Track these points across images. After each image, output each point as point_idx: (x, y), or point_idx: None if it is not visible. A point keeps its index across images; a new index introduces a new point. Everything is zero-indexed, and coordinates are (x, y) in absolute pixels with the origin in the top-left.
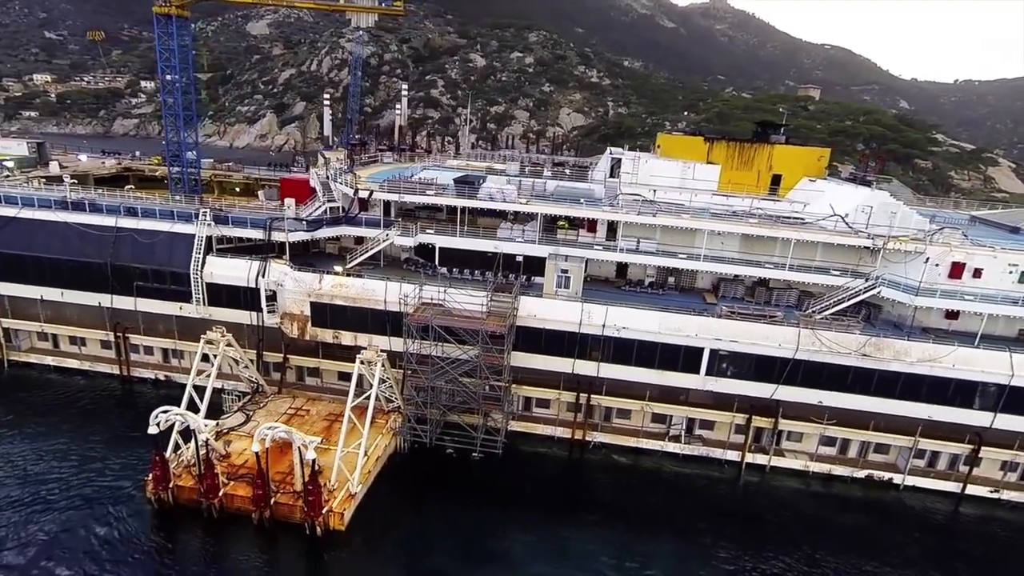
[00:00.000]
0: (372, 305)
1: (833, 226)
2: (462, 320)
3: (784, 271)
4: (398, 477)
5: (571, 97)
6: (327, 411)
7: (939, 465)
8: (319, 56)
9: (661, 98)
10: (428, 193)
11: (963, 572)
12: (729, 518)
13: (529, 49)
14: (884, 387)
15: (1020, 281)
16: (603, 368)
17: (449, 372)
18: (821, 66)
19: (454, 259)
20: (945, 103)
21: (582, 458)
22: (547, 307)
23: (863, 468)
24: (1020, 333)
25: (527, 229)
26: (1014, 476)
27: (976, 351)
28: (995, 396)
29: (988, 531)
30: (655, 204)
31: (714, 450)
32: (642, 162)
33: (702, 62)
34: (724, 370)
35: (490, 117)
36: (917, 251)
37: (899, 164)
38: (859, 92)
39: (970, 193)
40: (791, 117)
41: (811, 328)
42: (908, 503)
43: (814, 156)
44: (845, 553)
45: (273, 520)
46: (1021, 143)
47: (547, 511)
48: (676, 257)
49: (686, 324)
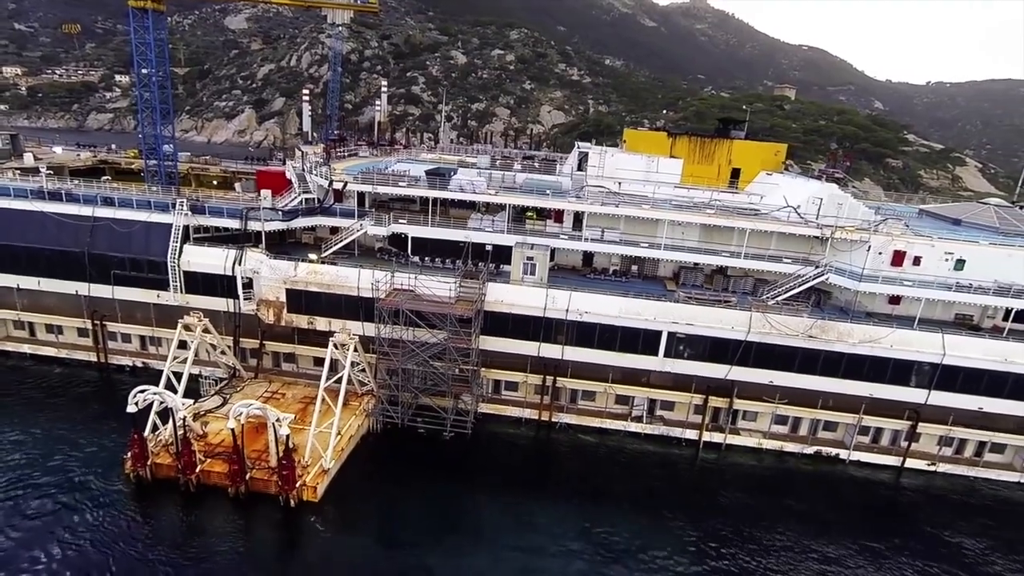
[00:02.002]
0: (346, 291)
1: (786, 217)
2: (431, 305)
3: (741, 259)
4: (371, 456)
5: (552, 95)
6: (302, 394)
7: (882, 441)
8: (299, 52)
9: (641, 96)
10: (401, 185)
11: (904, 539)
12: (688, 493)
13: (510, 47)
14: (829, 367)
15: (956, 268)
16: (568, 351)
17: (420, 355)
18: (798, 66)
19: (426, 248)
20: (918, 104)
21: (549, 438)
22: (513, 293)
23: (812, 444)
24: (956, 317)
25: (496, 219)
26: (949, 451)
27: (911, 332)
28: (929, 374)
29: (926, 501)
30: (620, 196)
31: (674, 429)
32: (608, 156)
33: (682, 61)
34: (681, 352)
35: (471, 114)
36: (862, 240)
37: (870, 163)
38: (835, 92)
39: (938, 191)
40: (768, 116)
41: (762, 312)
42: (854, 476)
43: (771, 151)
44: (796, 524)
45: (249, 494)
46: (989, 144)
47: (515, 488)
48: (639, 246)
49: (645, 308)
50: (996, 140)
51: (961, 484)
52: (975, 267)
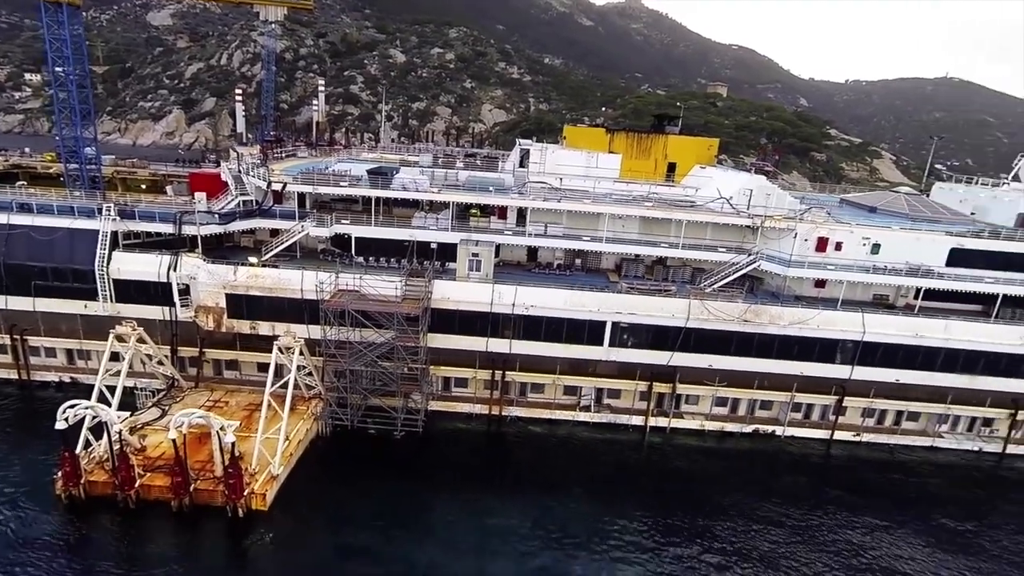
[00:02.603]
0: (289, 294)
1: (720, 208)
2: (378, 304)
3: (679, 250)
4: (321, 460)
5: (493, 93)
6: (247, 401)
7: (813, 416)
8: (229, 50)
9: (580, 94)
10: (342, 185)
11: (835, 503)
12: (638, 477)
13: (450, 45)
14: (763, 349)
15: (873, 252)
16: (515, 345)
17: (367, 356)
18: (729, 65)
19: (370, 248)
20: (838, 101)
21: (500, 432)
22: (460, 289)
23: (751, 423)
24: (874, 297)
25: (441, 217)
26: (872, 421)
27: (835, 313)
28: (852, 351)
29: (853, 468)
30: (561, 191)
31: (621, 416)
32: (549, 153)
33: (619, 60)
34: (625, 341)
35: (412, 113)
36: (789, 228)
37: (797, 157)
38: (764, 90)
39: (858, 182)
40: (702, 113)
41: (700, 299)
42: (789, 450)
43: (704, 146)
44: (740, 499)
45: (193, 506)
46: (902, 138)
47: (469, 483)
48: (582, 240)
49: (589, 300)
50: (908, 134)
51: (883, 451)
52: (889, 251)
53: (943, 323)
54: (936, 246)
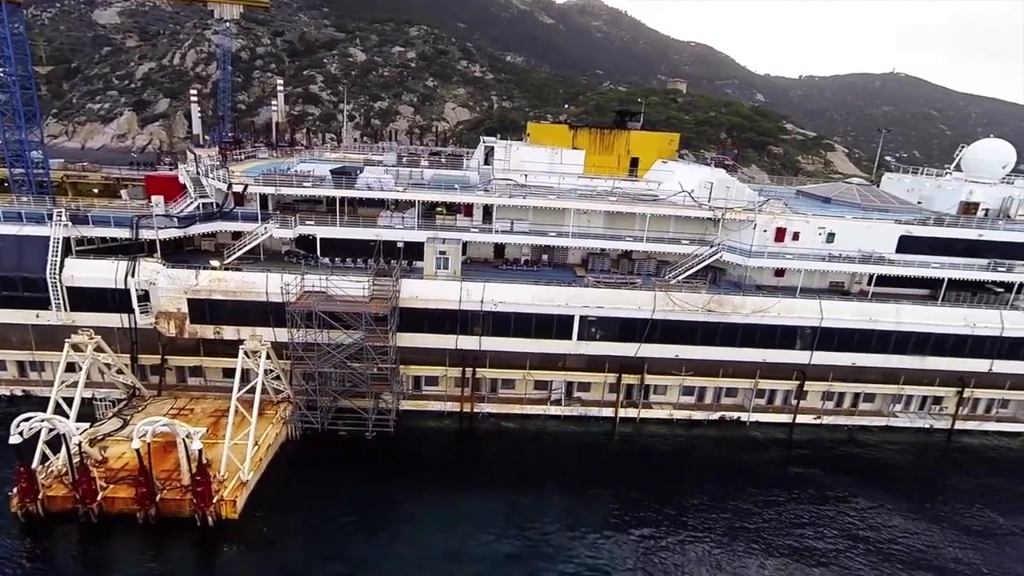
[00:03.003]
0: (254, 297)
1: (682, 201)
2: (345, 305)
3: (643, 243)
4: (292, 464)
5: (455, 92)
6: (213, 408)
7: (776, 401)
8: (182, 49)
9: (543, 92)
10: (305, 185)
11: (800, 484)
12: (609, 467)
13: (411, 44)
14: (727, 338)
15: (828, 241)
16: (485, 342)
17: (336, 357)
18: (688, 62)
19: (336, 249)
20: (793, 96)
21: (472, 429)
22: (428, 288)
23: (717, 411)
24: (830, 284)
25: (406, 216)
26: (831, 404)
27: (794, 300)
28: (811, 337)
29: (815, 449)
30: (526, 188)
31: (591, 409)
32: (513, 150)
33: (581, 57)
34: (593, 334)
35: (374, 113)
36: (749, 220)
37: (755, 150)
38: (722, 86)
39: (813, 174)
40: (663, 109)
41: (665, 291)
42: (754, 435)
43: (665, 140)
44: (708, 484)
45: (160, 517)
46: (853, 131)
47: (442, 481)
48: (548, 235)
49: (557, 295)
50: (858, 128)
51: (842, 432)
52: (843, 239)
53: (894, 307)
54: (886, 234)
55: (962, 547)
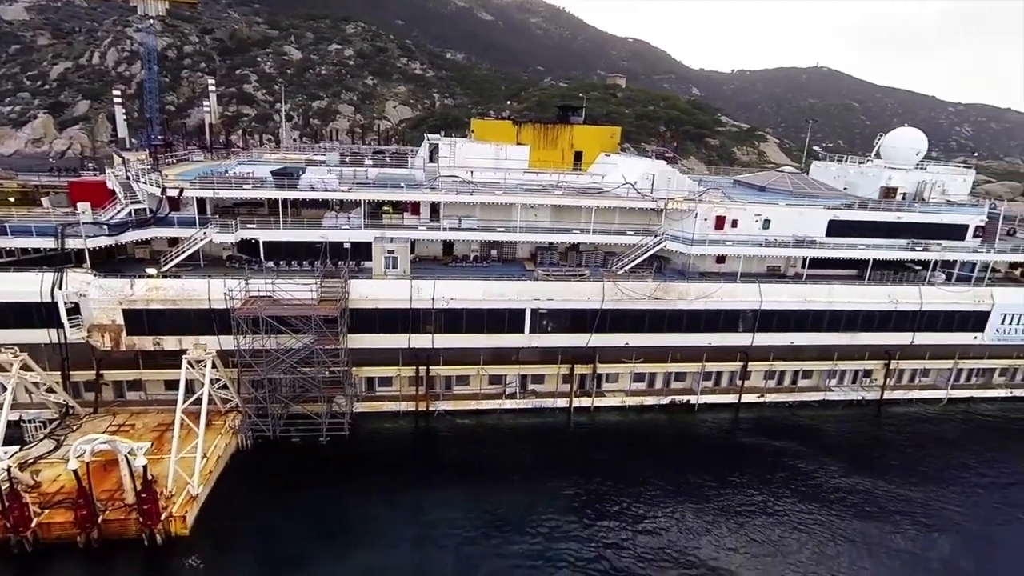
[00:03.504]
0: (195, 305)
1: (626, 193)
2: (293, 308)
3: (590, 235)
4: (244, 474)
5: (396, 90)
6: (156, 422)
7: (722, 383)
8: (101, 48)
9: (485, 89)
10: (245, 188)
11: (747, 459)
12: (566, 457)
13: (348, 41)
14: (674, 324)
15: (764, 228)
16: (438, 339)
17: (286, 362)
18: (626, 57)
19: (280, 252)
20: (727, 89)
21: (428, 427)
22: (377, 287)
23: (667, 395)
24: (768, 269)
25: (352, 216)
26: (773, 383)
27: (736, 285)
28: (752, 320)
29: (760, 426)
30: (473, 184)
31: (546, 400)
32: (458, 147)
33: (521, 54)
34: (545, 327)
35: (312, 112)
36: (690, 209)
37: (693, 143)
38: (659, 80)
39: (748, 164)
40: (603, 103)
41: (613, 281)
42: (702, 417)
43: (607, 134)
44: (662, 467)
45: (103, 539)
46: (783, 122)
47: (401, 482)
48: (496, 231)
49: (507, 289)
50: (788, 119)
51: (784, 409)
52: (778, 225)
53: (827, 288)
54: (817, 219)
55: (894, 498)
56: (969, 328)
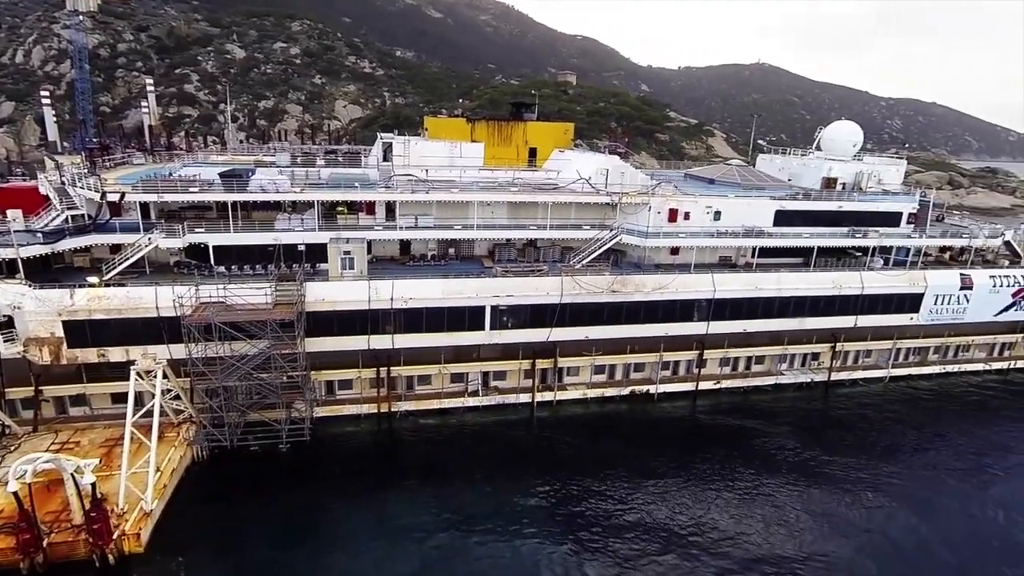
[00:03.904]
0: (143, 314)
1: (581, 188)
2: (247, 313)
3: (547, 231)
4: (201, 486)
5: (345, 89)
6: (103, 438)
7: (680, 372)
8: (25, 45)
9: (436, 87)
10: (192, 190)
11: (706, 443)
12: (531, 452)
13: (294, 39)
14: (632, 315)
15: (715, 219)
16: (398, 340)
17: (241, 369)
18: (576, 55)
19: (231, 256)
20: (675, 86)
21: (391, 429)
22: (334, 289)
23: (627, 386)
24: (720, 259)
25: (306, 218)
26: (728, 369)
27: (690, 276)
28: (706, 309)
29: (717, 411)
30: (428, 182)
31: (508, 396)
32: (412, 145)
33: (471, 51)
34: (505, 323)
35: (259, 113)
36: (644, 203)
37: (644, 138)
38: (609, 77)
39: (697, 158)
40: (555, 100)
41: (571, 275)
42: (662, 406)
43: (561, 130)
44: (625, 456)
45: (50, 564)
46: (729, 117)
47: (366, 485)
48: (453, 229)
49: (466, 287)
50: (734, 114)
51: (739, 394)
52: (728, 216)
53: (776, 276)
54: (764, 209)
55: (844, 471)
56: (906, 310)
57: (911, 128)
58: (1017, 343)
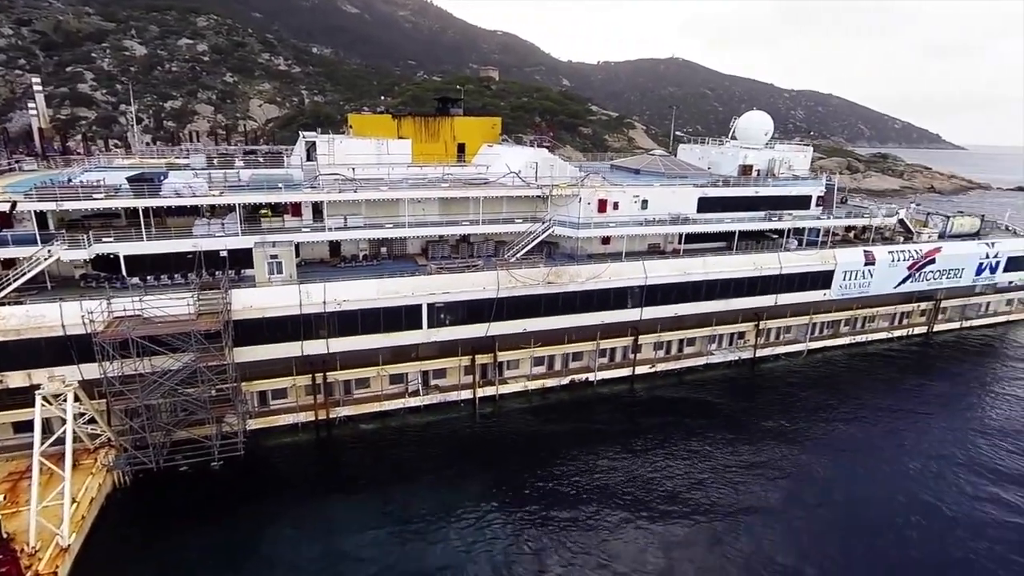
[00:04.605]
0: (46, 333)
1: (511, 182)
2: (168, 326)
3: (480, 226)
4: (126, 514)
5: (260, 87)
6: (6, 471)
7: (616, 358)
8: None
9: (356, 84)
10: (97, 197)
11: (645, 426)
12: (476, 448)
13: (200, 35)
14: (568, 306)
15: (643, 208)
16: (333, 343)
17: (165, 385)
18: (497, 51)
19: (146, 266)
20: (594, 80)
21: (331, 436)
22: (263, 295)
23: (567, 375)
24: (649, 246)
25: (227, 222)
26: (662, 353)
27: (622, 264)
28: (639, 295)
29: (653, 395)
30: (356, 181)
31: (450, 394)
32: (337, 143)
33: (390, 48)
34: (443, 320)
35: (166, 114)
36: (574, 194)
37: (567, 132)
38: (531, 73)
39: (619, 150)
40: (479, 96)
41: (506, 269)
42: (601, 393)
43: (488, 125)
44: (568, 445)
45: None
46: (648, 110)
47: (308, 496)
48: (384, 228)
49: (402, 286)
50: (652, 107)
51: (673, 376)
52: (655, 205)
53: (702, 260)
54: (688, 197)
55: (773, 437)
56: (819, 286)
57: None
58: (913, 312)
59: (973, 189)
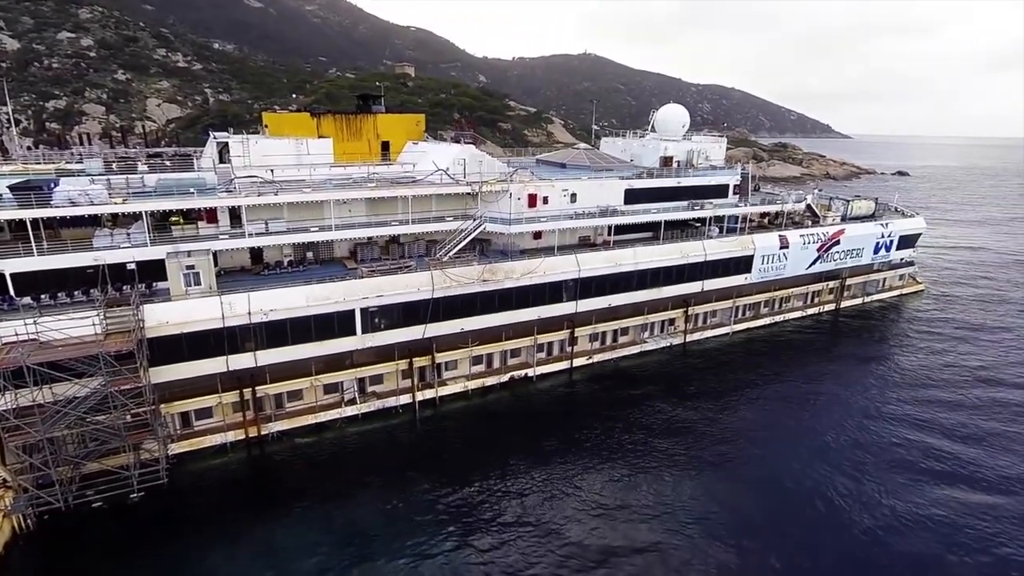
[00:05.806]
0: None
1: (440, 180)
2: (71, 349)
3: (409, 226)
4: (31, 561)
5: (158, 86)
6: None
7: (554, 352)
8: None
9: (265, 82)
10: None
11: (585, 416)
12: (419, 454)
13: (84, 28)
14: (504, 302)
15: (572, 201)
16: (260, 356)
17: (71, 415)
18: (411, 47)
19: (39, 284)
20: (511, 76)
21: (263, 454)
22: (180, 309)
23: (506, 372)
24: (580, 239)
25: (133, 231)
26: (598, 344)
27: (555, 258)
28: (573, 288)
29: (592, 385)
30: (276, 183)
31: (388, 400)
32: (252, 143)
33: (299, 44)
34: (378, 324)
35: (48, 115)
36: (503, 190)
37: (487, 127)
38: (447, 69)
39: (539, 145)
40: (396, 93)
41: (439, 269)
42: (540, 387)
43: (412, 122)
44: (512, 442)
45: None
46: (564, 105)
47: (244, 521)
48: (309, 231)
49: (332, 291)
50: (568, 102)
51: (609, 366)
52: (583, 198)
53: (632, 251)
54: (615, 189)
55: (704, 416)
56: (741, 271)
57: (718, 111)
58: (823, 291)
59: (862, 174)
